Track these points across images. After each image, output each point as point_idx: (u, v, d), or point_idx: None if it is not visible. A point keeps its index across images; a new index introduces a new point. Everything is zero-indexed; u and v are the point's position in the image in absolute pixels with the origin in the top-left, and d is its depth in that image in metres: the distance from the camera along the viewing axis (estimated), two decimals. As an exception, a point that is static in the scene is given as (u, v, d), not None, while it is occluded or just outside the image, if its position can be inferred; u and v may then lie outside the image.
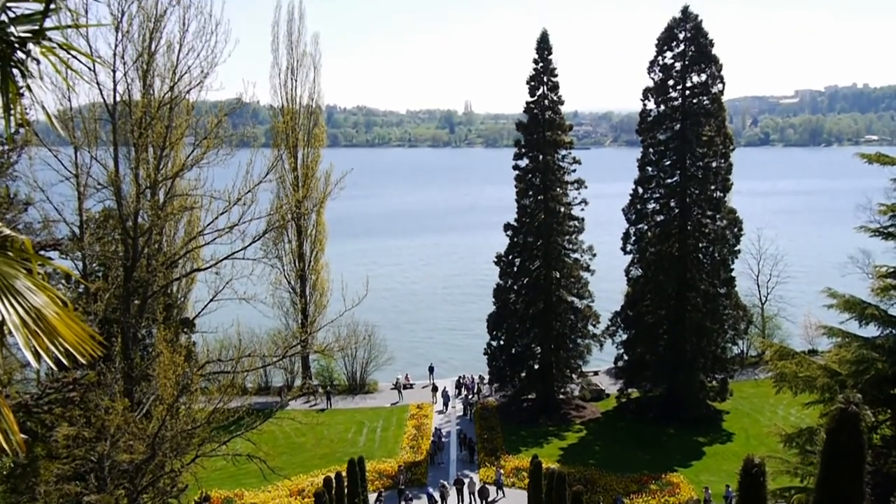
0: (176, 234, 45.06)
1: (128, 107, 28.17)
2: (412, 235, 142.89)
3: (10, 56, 4.77)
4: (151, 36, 28.28)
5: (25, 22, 4.88)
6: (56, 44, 4.97)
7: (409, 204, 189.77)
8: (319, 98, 61.78)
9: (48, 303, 4.51)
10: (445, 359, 69.70)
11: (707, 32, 51.93)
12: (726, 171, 52.42)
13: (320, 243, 61.44)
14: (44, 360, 4.43)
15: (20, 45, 4.81)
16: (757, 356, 60.94)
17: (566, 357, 54.99)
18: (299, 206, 49.01)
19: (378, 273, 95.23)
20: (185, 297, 54.73)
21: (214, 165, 28.68)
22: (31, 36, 4.85)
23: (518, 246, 54.92)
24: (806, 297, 65.80)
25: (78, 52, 5.41)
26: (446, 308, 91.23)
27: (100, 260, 33.39)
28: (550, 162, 53.86)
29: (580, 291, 54.95)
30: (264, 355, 35.13)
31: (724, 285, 52.78)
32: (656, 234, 54.01)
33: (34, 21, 4.90)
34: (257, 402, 51.69)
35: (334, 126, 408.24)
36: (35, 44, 4.86)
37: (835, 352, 25.20)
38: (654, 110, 53.69)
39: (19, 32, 4.80)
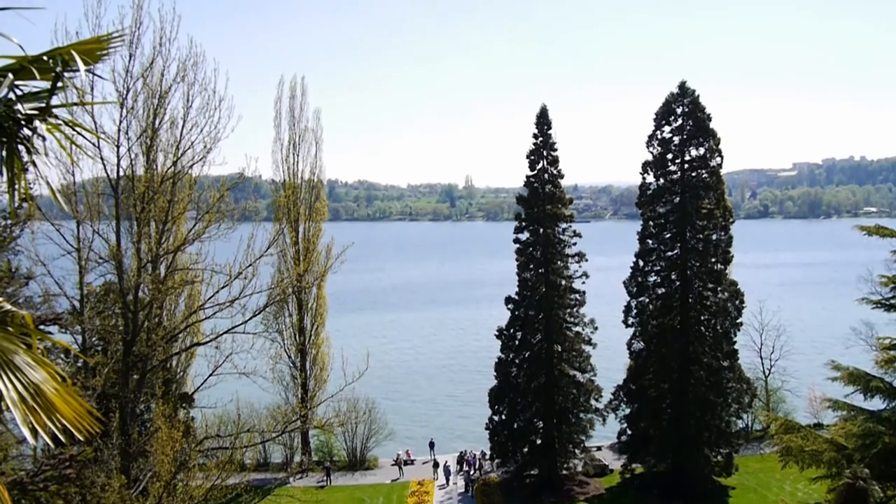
0: (176, 308, 44.97)
1: (131, 181, 28.45)
2: (413, 309, 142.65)
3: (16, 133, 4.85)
4: (156, 112, 28.72)
5: (32, 99, 4.98)
6: (62, 120, 5.06)
7: (411, 277, 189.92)
8: (321, 172, 62.44)
9: (47, 378, 4.50)
10: (447, 434, 68.86)
11: (704, 107, 52.73)
12: (726, 244, 52.60)
13: (321, 317, 61.28)
14: (41, 436, 4.39)
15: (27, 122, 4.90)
16: (762, 430, 60.12)
17: (569, 432, 54.32)
18: (300, 280, 49.06)
19: (379, 347, 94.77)
20: (185, 371, 54.37)
21: (216, 239, 28.81)
22: (38, 113, 4.94)
23: (519, 319, 54.78)
24: (810, 369, 65.33)
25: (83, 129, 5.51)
26: (447, 382, 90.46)
27: (99, 334, 33.30)
28: (551, 235, 54.11)
29: (582, 365, 54.60)
30: (263, 431, 34.77)
31: (728, 358, 52.44)
32: (658, 307, 53.91)
33: (41, 99, 5.00)
34: (256, 478, 50.89)
35: (336, 200, 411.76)
36: (41, 121, 4.94)
37: (840, 425, 24.90)
38: (653, 184, 54.16)
39: (26, 110, 4.90)
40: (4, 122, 4.82)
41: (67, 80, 5.06)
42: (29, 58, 4.89)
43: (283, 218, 59.02)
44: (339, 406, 40.21)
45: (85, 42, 5.30)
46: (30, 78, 4.92)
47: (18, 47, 4.91)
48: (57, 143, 5.25)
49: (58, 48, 5.03)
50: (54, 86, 4.98)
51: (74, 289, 32.78)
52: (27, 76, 4.91)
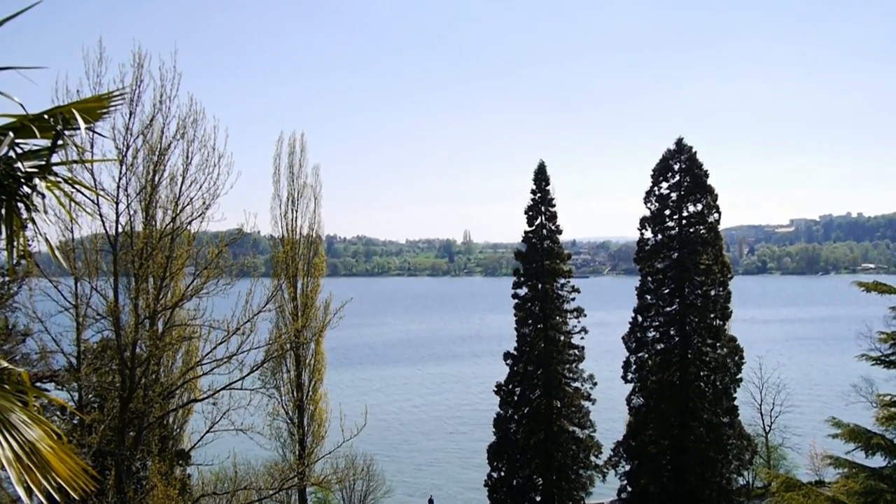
0: (174, 364, 44.71)
1: (129, 238, 28.51)
2: (412, 364, 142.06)
3: (15, 190, 4.94)
4: (155, 169, 28.88)
5: (32, 157, 5.07)
6: (61, 178, 5.15)
7: (409, 332, 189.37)
8: (320, 228, 62.47)
9: (42, 436, 4.52)
10: (446, 490, 68.02)
11: (701, 163, 53.22)
12: (725, 300, 52.65)
13: (319, 373, 60.81)
14: (36, 495, 4.40)
15: (26, 179, 4.99)
16: (763, 487, 59.43)
17: (568, 488, 53.68)
18: (298, 336, 48.85)
19: (377, 402, 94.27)
20: (182, 428, 53.81)
21: (214, 295, 28.77)
22: (38, 171, 5.03)
23: (518, 375, 54.55)
24: (811, 425, 64.92)
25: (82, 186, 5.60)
26: (446, 438, 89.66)
27: (96, 391, 33.09)
28: (549, 290, 54.17)
29: (581, 421, 54.22)
30: (261, 488, 34.34)
31: (727, 414, 52.12)
32: (657, 363, 53.74)
33: (41, 157, 5.09)
34: (251, 537, 50.09)
35: (334, 255, 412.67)
36: (41, 178, 5.03)
37: (842, 483, 24.68)
38: (651, 239, 54.45)
39: (26, 168, 4.99)
40: (4, 179, 4.91)
41: (67, 137, 5.17)
42: (30, 116, 5.00)
43: (282, 273, 58.92)
44: (337, 462, 39.78)
45: (86, 101, 5.42)
46: (30, 136, 5.02)
47: (19, 106, 5.02)
48: (56, 201, 5.32)
49: (58, 106, 5.15)
50: (54, 144, 5.08)
51: (71, 345, 32.65)
52: (28, 134, 5.01)
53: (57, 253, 6.04)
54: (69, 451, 4.65)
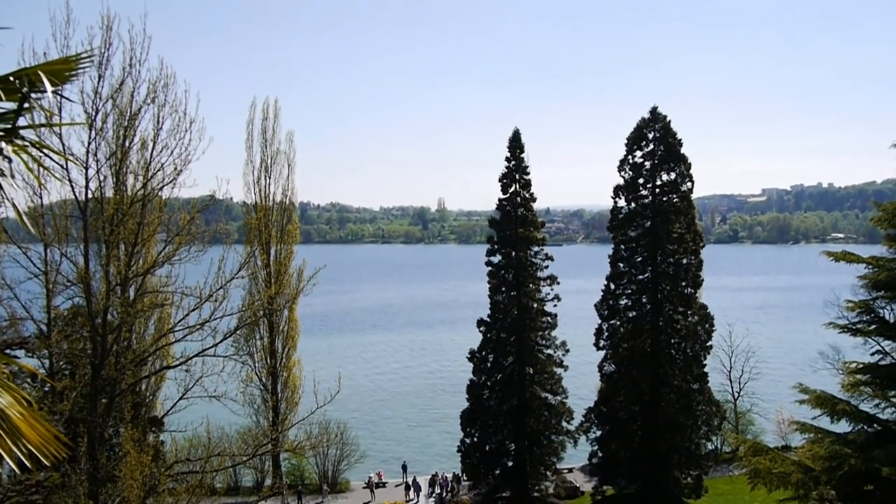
0: (146, 332, 44.55)
1: (100, 204, 28.15)
2: (385, 331, 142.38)
3: (-19, 154, 4.85)
4: (125, 134, 28.45)
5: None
6: (28, 142, 5.06)
7: (383, 300, 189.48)
8: (293, 195, 62.31)
9: (12, 403, 4.49)
10: (419, 456, 68.54)
11: (675, 132, 53.37)
12: (697, 268, 53.11)
13: (292, 340, 60.94)
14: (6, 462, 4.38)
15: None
16: (731, 452, 60.56)
17: (540, 454, 54.31)
18: (271, 303, 48.73)
19: (351, 369, 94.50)
20: (154, 395, 53.71)
21: (186, 262, 28.57)
22: (4, 135, 4.94)
23: (491, 342, 54.86)
24: (778, 392, 66.03)
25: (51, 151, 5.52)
26: (420, 404, 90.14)
27: (67, 358, 32.87)
28: (523, 258, 54.34)
29: (554, 387, 54.70)
30: (234, 454, 34.43)
31: (697, 381, 52.83)
32: (629, 330, 54.24)
33: (7, 120, 5.00)
34: (226, 502, 50.32)
35: (308, 222, 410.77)
36: (7, 142, 4.94)
37: (808, 448, 25.11)
38: (624, 208, 54.65)
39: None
40: (-30, 143, 4.82)
41: (34, 101, 5.07)
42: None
43: (255, 240, 58.77)
44: (310, 429, 39.78)
45: (53, 63, 5.30)
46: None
47: (-16, 67, 4.91)
48: (24, 165, 5.24)
49: (25, 69, 5.03)
50: (21, 107, 4.99)
51: (42, 312, 32.39)
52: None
53: (25, 219, 5.95)
54: (40, 418, 4.63)
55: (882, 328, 24.01)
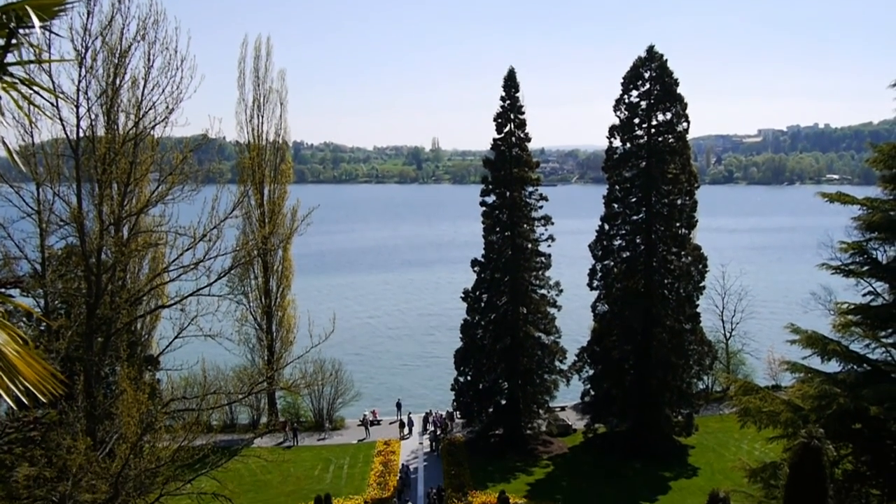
0: (140, 271, 44.56)
1: (91, 143, 27.91)
2: (380, 271, 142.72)
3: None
4: (116, 72, 28.08)
5: (-15, 58, 4.87)
6: (17, 79, 4.97)
7: (377, 240, 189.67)
8: (286, 134, 61.83)
9: (8, 341, 4.48)
10: (413, 394, 69.31)
11: (672, 72, 52.82)
12: (691, 209, 53.10)
13: (287, 279, 61.11)
14: (3, 399, 4.38)
15: (-21, 80, 4.80)
16: (722, 391, 61.33)
17: (533, 392, 54.95)
18: (266, 243, 48.77)
19: (345, 309, 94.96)
20: (150, 334, 54.05)
21: (179, 202, 28.46)
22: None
23: (485, 282, 55.06)
24: (769, 332, 66.59)
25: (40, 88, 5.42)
26: (414, 344, 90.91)
27: (62, 297, 32.93)
28: (517, 199, 54.24)
29: (547, 327, 55.09)
30: (230, 392, 34.75)
31: (690, 321, 53.22)
32: (622, 271, 54.42)
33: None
34: (223, 439, 51.04)
35: (301, 162, 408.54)
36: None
37: (798, 387, 25.44)
38: (619, 148, 54.35)
39: (-21, 69, 4.80)
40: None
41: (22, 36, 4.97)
42: (-20, 13, 4.78)
43: (248, 180, 58.51)
44: (305, 367, 39.98)
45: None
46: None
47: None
48: (13, 103, 5.16)
49: (11, 3, 4.91)
50: (8, 42, 4.89)
51: (35, 251, 32.32)
52: (-21, 32, 4.80)
53: (16, 157, 5.88)
54: (36, 356, 4.63)
55: (874, 269, 24.14)
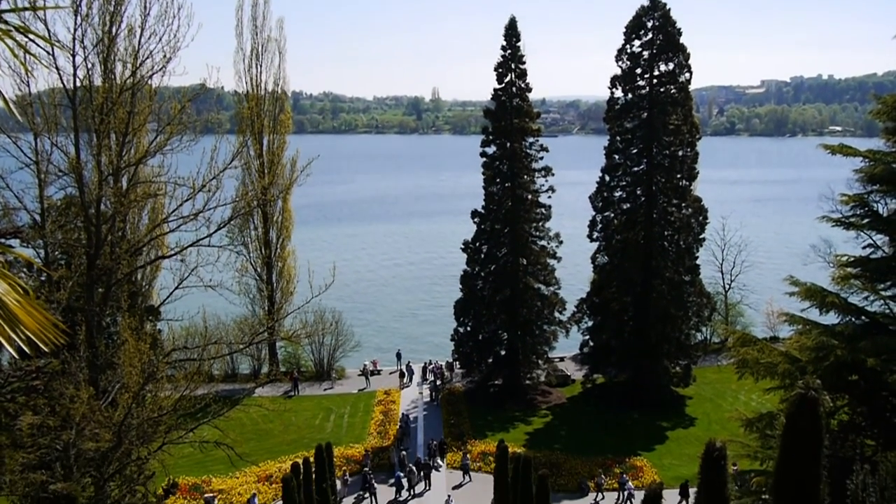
0: (140, 222, 44.55)
1: (88, 92, 27.66)
2: (380, 222, 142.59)
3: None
4: (112, 19, 27.70)
5: (-22, 4, 4.78)
6: (12, 26, 4.89)
7: (377, 190, 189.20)
8: (285, 84, 61.30)
9: (8, 290, 4.47)
10: (413, 345, 69.76)
11: (675, 21, 52.19)
12: (692, 160, 52.88)
13: (287, 230, 61.11)
14: (5, 348, 4.39)
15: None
16: (720, 343, 61.74)
17: (532, 343, 55.28)
18: (265, 193, 48.57)
19: (345, 259, 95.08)
20: (150, 284, 54.23)
21: (178, 152, 28.28)
22: (-14, 18, 4.76)
23: (485, 233, 55.06)
24: (768, 284, 66.82)
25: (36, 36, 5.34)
26: (414, 294, 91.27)
27: (62, 248, 32.94)
28: (518, 149, 53.96)
29: (547, 278, 55.22)
30: (231, 342, 34.90)
31: (689, 273, 53.33)
32: (622, 222, 54.40)
33: (-13, 2, 4.81)
34: (224, 389, 51.48)
35: (300, 112, 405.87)
36: (-10, 26, 4.77)
37: (795, 339, 25.59)
38: (621, 98, 53.96)
39: (-27, 16, 4.71)
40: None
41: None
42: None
43: (247, 130, 58.18)
44: (305, 318, 40.27)
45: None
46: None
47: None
48: (9, 52, 5.08)
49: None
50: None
51: (34, 202, 32.27)
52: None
53: (13, 107, 5.82)
54: (37, 306, 4.62)
55: (875, 222, 24.11)
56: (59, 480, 21.38)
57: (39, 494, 21.29)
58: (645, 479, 40.93)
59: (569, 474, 42.03)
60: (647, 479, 40.83)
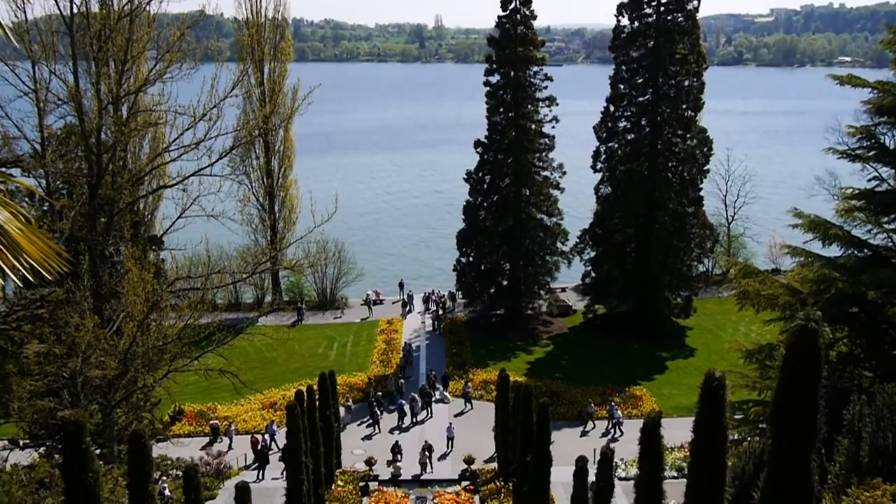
0: (141, 151, 44.38)
1: (86, 19, 27.24)
2: (383, 151, 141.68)
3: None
4: (108, -58, 27.21)
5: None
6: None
7: (380, 120, 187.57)
8: (285, 10, 60.30)
9: (10, 219, 4.45)
10: (415, 275, 70.04)
11: (683, -55, 50.98)
12: (698, 90, 52.24)
13: (288, 159, 60.80)
14: (9, 276, 4.38)
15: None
16: (721, 274, 61.92)
17: (534, 273, 55.46)
18: (266, 122, 48.25)
19: (349, 189, 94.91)
20: (152, 214, 54.26)
21: (178, 80, 28.00)
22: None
23: (488, 163, 54.75)
24: (772, 217, 66.74)
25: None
26: (416, 224, 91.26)
27: (63, 177, 32.88)
28: (522, 78, 53.30)
29: (549, 209, 55.12)
30: (234, 272, 35.10)
31: (692, 204, 53.15)
32: (626, 153, 54.06)
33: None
34: (228, 318, 51.86)
35: (301, 40, 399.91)
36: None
37: (797, 271, 25.64)
38: (627, 27, 53.08)
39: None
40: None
41: None
42: None
43: (248, 58, 57.41)
44: (308, 248, 40.36)
45: None
46: None
47: None
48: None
49: None
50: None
51: (34, 131, 32.09)
52: None
53: (10, 34, 5.71)
54: (40, 234, 4.60)
55: (881, 154, 23.93)
56: (67, 407, 21.69)
57: (48, 421, 21.64)
58: (644, 409, 41.48)
59: (569, 403, 42.58)
60: (646, 409, 41.37)
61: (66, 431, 14.07)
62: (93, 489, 14.43)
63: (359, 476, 34.57)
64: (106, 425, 24.82)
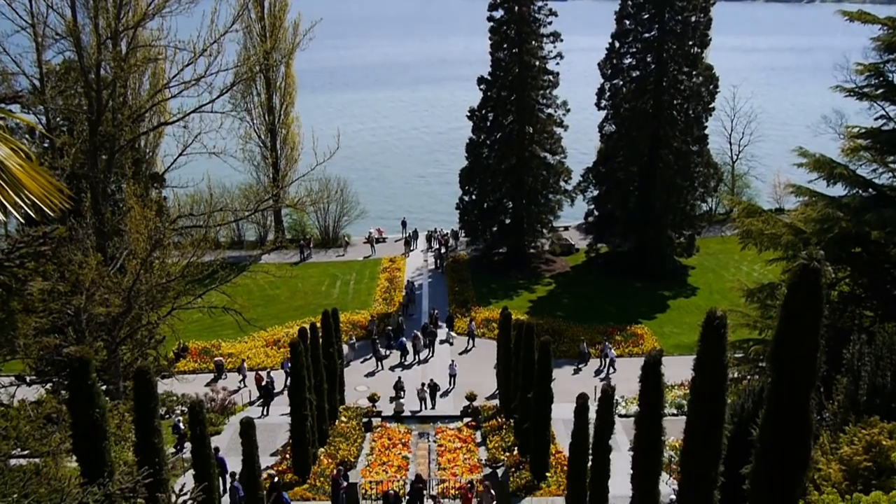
0: (141, 87, 43.94)
1: (83, -51, 26.79)
2: (387, 88, 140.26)
3: None
4: None
5: None
6: None
7: (383, 56, 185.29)
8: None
9: (10, 155, 4.40)
10: (417, 213, 69.92)
11: None
12: (705, 26, 51.47)
13: (290, 96, 60.24)
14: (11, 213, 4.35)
15: None
16: (725, 213, 61.78)
17: (537, 212, 55.37)
18: (267, 58, 47.64)
19: (351, 127, 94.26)
20: (154, 151, 54.00)
21: (177, 14, 27.61)
22: None
23: (491, 100, 54.24)
24: (777, 156, 66.23)
25: None
26: (419, 162, 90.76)
27: (64, 114, 32.64)
28: (526, 13, 52.48)
29: (553, 147, 54.79)
30: (236, 209, 35.07)
31: (697, 143, 52.80)
32: (631, 90, 53.52)
33: None
34: (231, 255, 51.95)
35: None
36: None
37: (801, 210, 25.59)
38: (633, -40, 52.06)
39: None
40: None
41: None
42: None
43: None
44: (310, 185, 40.24)
45: None
46: None
47: None
48: None
49: None
50: None
51: (33, 67, 31.75)
52: None
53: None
54: (41, 170, 4.56)
55: (889, 92, 23.68)
56: (72, 344, 21.87)
57: (53, 357, 21.83)
58: (645, 347, 41.77)
59: (570, 341, 42.89)
60: (647, 347, 41.65)
61: (72, 367, 14.23)
62: (99, 424, 14.66)
63: (362, 412, 34.99)
64: (111, 362, 25.05)
